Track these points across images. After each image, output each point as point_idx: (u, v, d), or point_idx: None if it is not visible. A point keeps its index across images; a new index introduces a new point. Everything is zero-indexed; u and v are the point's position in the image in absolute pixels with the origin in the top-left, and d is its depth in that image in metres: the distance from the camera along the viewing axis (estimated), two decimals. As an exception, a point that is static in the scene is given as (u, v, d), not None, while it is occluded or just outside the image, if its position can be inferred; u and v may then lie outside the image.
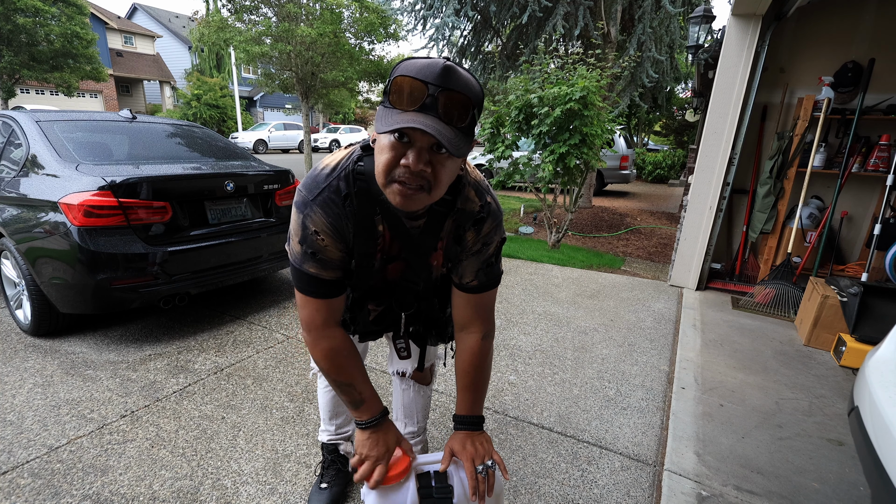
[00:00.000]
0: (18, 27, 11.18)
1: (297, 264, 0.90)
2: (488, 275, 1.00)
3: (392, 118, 0.71)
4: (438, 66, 0.70)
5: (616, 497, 1.56)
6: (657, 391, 2.25)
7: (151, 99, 26.63)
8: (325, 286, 0.91)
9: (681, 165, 13.71)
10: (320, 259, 0.88)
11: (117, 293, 2.26)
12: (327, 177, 0.87)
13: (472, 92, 0.74)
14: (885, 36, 3.29)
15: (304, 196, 0.87)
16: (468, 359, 1.06)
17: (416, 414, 1.46)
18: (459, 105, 0.72)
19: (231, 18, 8.20)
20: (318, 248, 0.87)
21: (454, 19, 7.28)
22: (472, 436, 1.03)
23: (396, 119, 0.70)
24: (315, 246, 0.87)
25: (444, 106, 0.71)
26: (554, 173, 4.45)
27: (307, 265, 0.89)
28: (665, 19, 7.15)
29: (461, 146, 0.73)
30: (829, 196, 3.63)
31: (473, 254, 0.97)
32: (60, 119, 2.73)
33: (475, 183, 0.95)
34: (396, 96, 0.71)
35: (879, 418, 1.12)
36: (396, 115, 0.71)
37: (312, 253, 0.88)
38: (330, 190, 0.86)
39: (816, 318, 2.70)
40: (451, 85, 0.71)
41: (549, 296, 3.55)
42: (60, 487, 1.49)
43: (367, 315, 1.13)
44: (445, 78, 0.70)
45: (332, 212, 0.86)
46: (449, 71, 0.71)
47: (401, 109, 0.71)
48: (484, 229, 0.95)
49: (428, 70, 0.70)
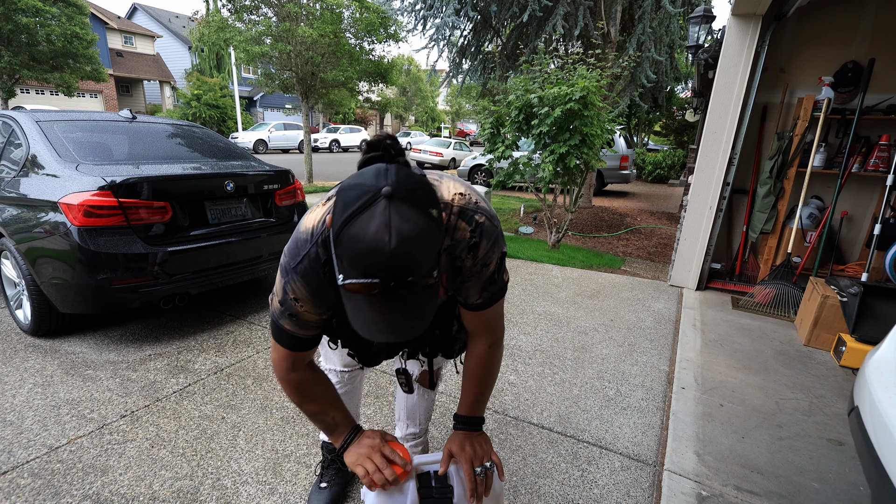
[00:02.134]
0: (19, 27, 11.17)
1: (275, 319, 0.92)
2: (493, 291, 0.96)
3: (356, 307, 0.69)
4: (385, 255, 0.62)
5: (616, 497, 1.56)
6: (657, 391, 2.25)
7: (151, 99, 26.63)
8: (298, 342, 0.93)
9: (681, 165, 13.71)
10: (297, 321, 0.90)
11: (117, 293, 2.26)
12: (305, 243, 0.85)
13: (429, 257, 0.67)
14: (885, 36, 3.29)
15: (287, 262, 0.87)
16: (476, 363, 1.06)
17: (419, 416, 1.46)
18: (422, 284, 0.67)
19: (231, 18, 8.20)
20: (296, 312, 0.88)
21: (454, 19, 7.28)
22: (471, 436, 1.02)
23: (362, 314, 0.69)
24: (293, 310, 0.88)
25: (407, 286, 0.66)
26: (554, 173, 4.45)
27: (283, 322, 0.91)
28: (665, 19, 7.15)
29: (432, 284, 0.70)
30: (829, 196, 3.63)
31: (475, 276, 0.93)
32: (60, 119, 2.73)
33: (459, 210, 0.88)
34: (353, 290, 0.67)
35: (879, 418, 1.12)
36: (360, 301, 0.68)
37: (290, 314, 0.89)
38: (309, 258, 0.84)
39: (816, 318, 2.70)
40: (407, 270, 0.64)
41: (549, 296, 3.54)
42: (60, 487, 1.49)
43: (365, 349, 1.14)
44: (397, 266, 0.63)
45: (312, 280, 0.85)
46: (397, 255, 0.62)
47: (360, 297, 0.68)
48: (480, 252, 0.90)
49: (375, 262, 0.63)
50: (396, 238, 0.62)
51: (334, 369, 1.34)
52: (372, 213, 0.63)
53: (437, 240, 0.68)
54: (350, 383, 1.37)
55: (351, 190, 0.66)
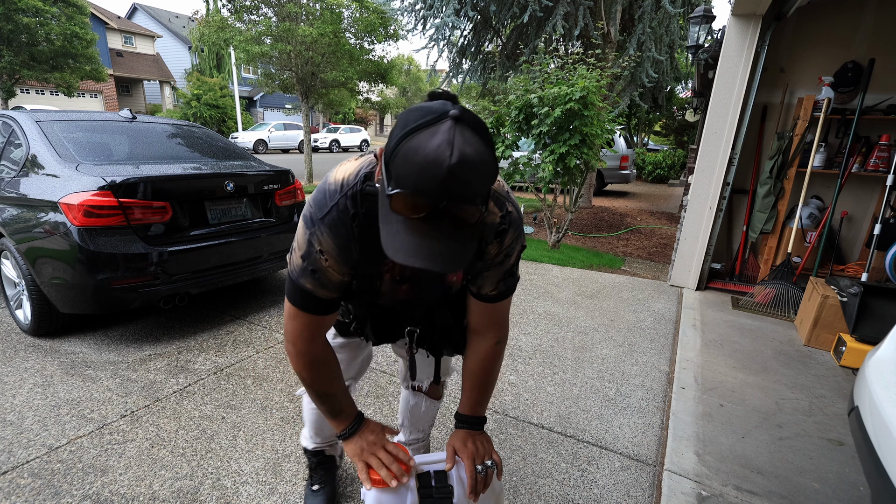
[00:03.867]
0: (19, 27, 11.18)
1: (295, 277, 0.86)
2: (508, 284, 0.96)
3: (394, 231, 0.65)
4: (443, 170, 0.59)
5: (616, 497, 1.56)
6: (657, 391, 2.25)
7: (151, 99, 26.63)
8: (319, 303, 0.89)
9: (681, 165, 13.71)
10: (319, 277, 0.85)
11: (117, 293, 2.26)
12: (335, 194, 0.82)
13: (484, 186, 0.65)
14: (885, 36, 3.29)
15: (313, 212, 0.83)
16: (479, 362, 1.05)
17: (424, 424, 1.44)
18: (470, 216, 0.65)
19: (231, 18, 8.20)
20: (319, 268, 0.84)
21: (454, 19, 7.28)
22: (473, 435, 1.02)
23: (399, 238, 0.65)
24: (317, 265, 0.84)
25: (453, 218, 0.64)
26: (554, 173, 4.45)
27: (304, 280, 0.86)
28: (665, 19, 7.15)
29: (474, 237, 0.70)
30: (829, 196, 3.63)
31: (496, 265, 0.92)
32: (60, 119, 2.73)
33: (494, 193, 0.88)
34: (399, 208, 0.64)
35: (879, 418, 1.12)
36: (399, 226, 0.65)
37: (313, 270, 0.85)
38: (338, 209, 0.81)
39: (816, 318, 2.70)
40: (460, 193, 0.62)
41: (549, 296, 3.54)
42: (60, 487, 1.49)
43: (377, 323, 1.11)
44: (451, 186, 0.60)
45: (340, 233, 0.82)
46: (455, 174, 0.59)
47: (402, 220, 0.65)
48: (506, 241, 0.90)
49: (431, 176, 0.60)
50: (458, 156, 0.59)
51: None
52: (436, 129, 0.60)
53: (493, 176, 0.66)
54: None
55: (413, 111, 0.64)
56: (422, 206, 0.62)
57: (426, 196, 0.61)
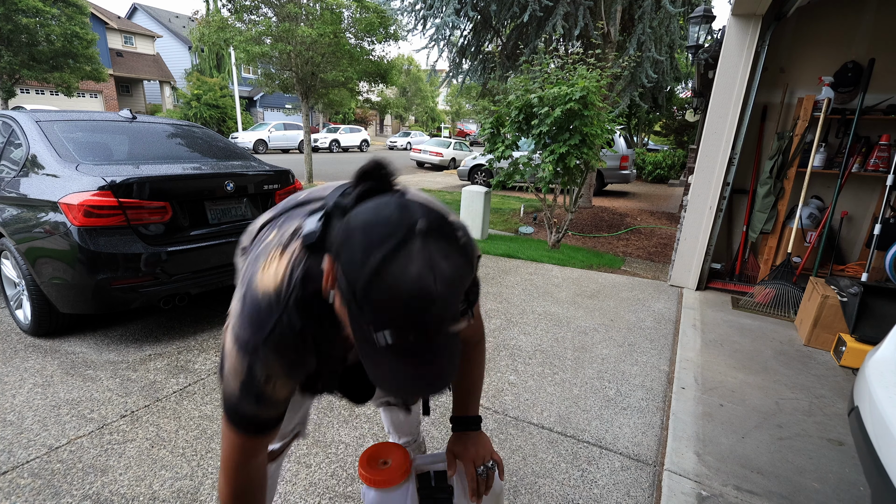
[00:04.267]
0: (19, 27, 11.18)
1: (232, 403, 0.72)
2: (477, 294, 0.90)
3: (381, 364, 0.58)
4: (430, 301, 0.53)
5: (616, 497, 1.56)
6: (657, 391, 2.25)
7: (151, 99, 26.63)
8: (262, 424, 0.75)
9: (681, 165, 13.71)
10: (265, 401, 0.72)
11: (117, 293, 2.26)
12: (272, 308, 0.68)
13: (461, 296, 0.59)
14: (885, 36, 3.29)
15: (249, 336, 0.68)
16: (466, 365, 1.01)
17: (409, 427, 1.40)
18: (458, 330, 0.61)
19: (231, 18, 8.20)
20: (265, 394, 0.71)
21: (454, 19, 7.28)
22: (472, 437, 1.00)
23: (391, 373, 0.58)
24: (261, 391, 0.70)
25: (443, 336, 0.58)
26: (554, 173, 4.45)
27: (246, 406, 0.71)
28: (665, 19, 7.15)
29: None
30: (829, 196, 3.63)
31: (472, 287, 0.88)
32: (60, 119, 2.73)
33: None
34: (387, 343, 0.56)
35: (879, 418, 1.12)
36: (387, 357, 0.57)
37: (257, 396, 0.71)
38: (282, 327, 0.68)
39: (816, 318, 2.70)
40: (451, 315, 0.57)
41: (549, 296, 3.54)
42: (60, 487, 1.49)
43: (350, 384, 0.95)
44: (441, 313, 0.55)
45: (289, 354, 0.70)
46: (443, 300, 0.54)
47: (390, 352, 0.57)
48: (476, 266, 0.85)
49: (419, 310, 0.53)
50: (441, 281, 0.53)
51: (271, 450, 1.07)
52: (408, 254, 0.52)
53: (470, 275, 0.60)
54: (277, 471, 1.15)
55: (371, 228, 0.55)
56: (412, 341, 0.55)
57: (416, 332, 0.55)
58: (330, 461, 1.67)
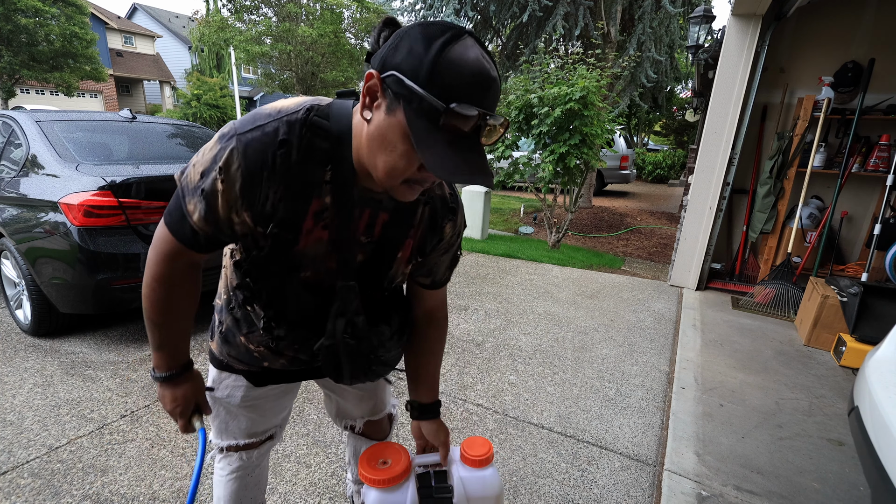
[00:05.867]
0: (19, 27, 11.19)
1: (181, 195, 0.72)
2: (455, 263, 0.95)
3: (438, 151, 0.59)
4: (489, 80, 0.60)
5: (616, 497, 1.56)
6: (657, 391, 2.25)
7: (151, 99, 26.63)
8: (191, 234, 0.73)
9: (681, 165, 13.71)
10: (206, 203, 0.69)
11: (117, 293, 2.26)
12: (268, 117, 0.68)
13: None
14: (885, 36, 3.29)
15: (232, 128, 0.68)
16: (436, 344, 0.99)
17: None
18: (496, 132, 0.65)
19: (231, 18, 8.21)
20: (212, 191, 0.68)
21: (454, 19, 7.29)
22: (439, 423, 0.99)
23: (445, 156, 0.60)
24: (211, 187, 0.68)
25: (488, 134, 0.63)
26: (554, 173, 4.45)
27: (189, 199, 0.70)
28: (665, 19, 7.16)
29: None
30: (829, 196, 3.63)
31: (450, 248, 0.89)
32: (60, 119, 2.73)
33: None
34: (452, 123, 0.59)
35: (879, 418, 1.12)
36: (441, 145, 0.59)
37: (203, 191, 0.68)
38: (264, 131, 0.67)
39: (816, 318, 2.70)
40: (495, 105, 0.63)
41: (549, 296, 3.54)
42: (60, 487, 1.49)
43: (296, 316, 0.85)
44: (493, 97, 0.61)
45: (255, 158, 0.66)
46: (496, 85, 0.62)
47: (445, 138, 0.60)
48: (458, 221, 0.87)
49: (481, 87, 0.59)
50: (494, 69, 0.61)
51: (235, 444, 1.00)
52: (465, 44, 0.59)
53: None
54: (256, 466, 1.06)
55: (428, 27, 0.60)
56: (471, 119, 0.60)
57: (479, 106, 0.59)
58: (330, 461, 1.68)
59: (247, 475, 1.05)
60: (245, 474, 1.04)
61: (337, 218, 0.75)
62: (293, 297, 0.83)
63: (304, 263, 0.78)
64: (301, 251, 0.76)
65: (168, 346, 0.85)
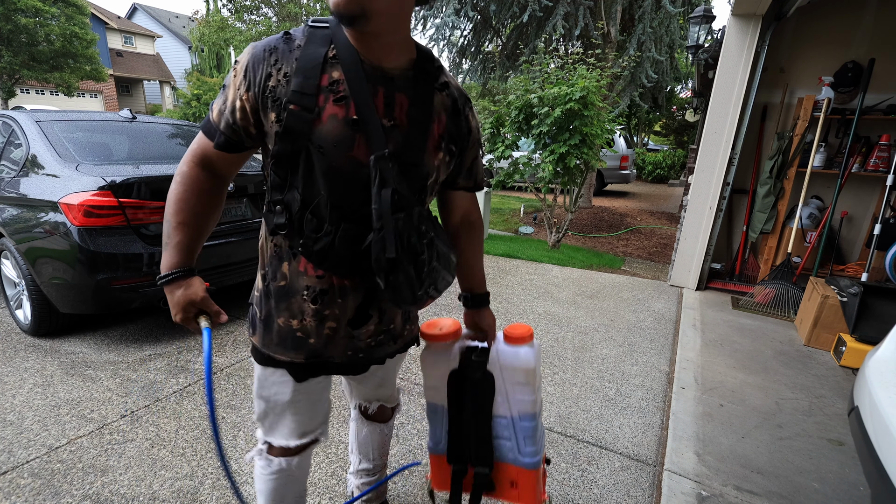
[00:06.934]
0: (19, 27, 11.19)
1: (214, 102, 0.83)
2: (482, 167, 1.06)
3: None
4: None
5: (616, 497, 1.56)
6: (657, 391, 2.25)
7: (151, 99, 26.63)
8: (214, 129, 0.82)
9: (681, 165, 13.71)
10: (225, 97, 0.80)
11: (117, 293, 2.26)
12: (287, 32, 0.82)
13: None
14: (885, 36, 3.29)
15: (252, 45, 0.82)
16: (475, 245, 1.12)
17: (372, 452, 1.28)
18: None
19: (231, 18, 8.21)
20: (228, 83, 0.80)
21: (454, 19, 7.28)
22: (489, 311, 1.17)
23: None
24: (227, 81, 0.81)
25: None
26: (554, 173, 4.45)
27: (216, 101, 0.82)
28: (665, 19, 7.15)
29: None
30: (829, 196, 3.63)
31: (476, 144, 0.96)
32: (60, 119, 2.73)
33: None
34: None
35: (879, 418, 1.12)
36: None
37: (224, 86, 0.82)
38: (278, 35, 0.81)
39: (816, 318, 2.70)
40: None
41: (549, 296, 3.54)
42: (60, 487, 1.49)
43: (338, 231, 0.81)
44: None
45: (260, 45, 0.78)
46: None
47: None
48: (474, 117, 0.95)
49: None
50: None
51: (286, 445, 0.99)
52: None
53: None
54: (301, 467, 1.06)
55: None
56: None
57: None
58: (330, 461, 1.68)
59: (289, 474, 1.04)
60: (287, 474, 1.04)
61: (351, 91, 0.75)
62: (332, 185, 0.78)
63: (330, 151, 0.76)
64: (323, 135, 0.75)
65: (171, 245, 0.89)
